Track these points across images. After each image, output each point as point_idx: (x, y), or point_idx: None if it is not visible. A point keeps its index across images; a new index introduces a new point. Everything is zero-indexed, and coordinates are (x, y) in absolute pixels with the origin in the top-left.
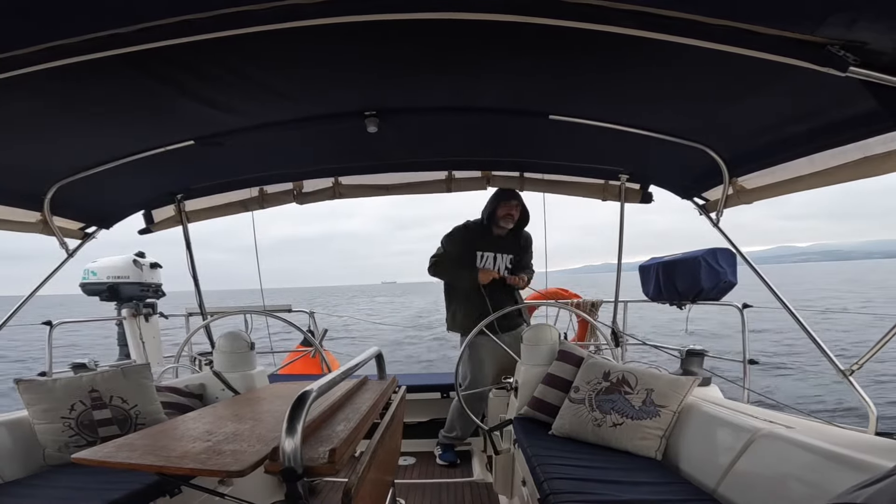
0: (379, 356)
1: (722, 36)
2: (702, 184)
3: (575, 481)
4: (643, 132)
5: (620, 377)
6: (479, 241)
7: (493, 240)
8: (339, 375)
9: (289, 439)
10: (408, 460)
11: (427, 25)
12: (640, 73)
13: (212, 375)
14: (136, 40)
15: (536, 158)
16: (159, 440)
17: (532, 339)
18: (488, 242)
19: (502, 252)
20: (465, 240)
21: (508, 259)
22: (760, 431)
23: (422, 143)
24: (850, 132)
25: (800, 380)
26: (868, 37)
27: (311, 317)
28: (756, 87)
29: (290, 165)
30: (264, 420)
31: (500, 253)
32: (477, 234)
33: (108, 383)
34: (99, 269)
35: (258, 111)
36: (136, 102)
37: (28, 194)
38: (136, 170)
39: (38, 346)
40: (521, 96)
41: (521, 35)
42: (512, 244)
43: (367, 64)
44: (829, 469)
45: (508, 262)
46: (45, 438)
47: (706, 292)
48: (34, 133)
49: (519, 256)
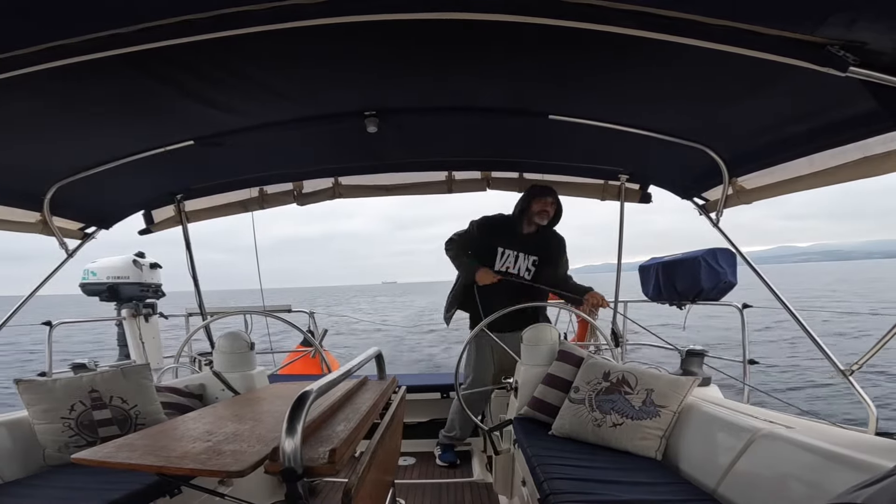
0: (379, 356)
1: (722, 36)
2: (701, 184)
3: (575, 481)
4: (643, 132)
5: (620, 377)
6: (503, 237)
7: (520, 237)
8: (338, 376)
9: (289, 439)
10: (408, 460)
11: (427, 25)
12: (640, 73)
13: (212, 376)
14: (137, 40)
15: (536, 159)
16: (159, 440)
17: (532, 339)
18: (513, 239)
19: (527, 252)
20: (491, 231)
21: (532, 260)
22: (760, 431)
23: (422, 144)
24: (849, 132)
25: (798, 376)
26: (868, 37)
27: (311, 317)
28: (756, 87)
29: (289, 166)
30: (264, 420)
31: (524, 253)
32: (504, 228)
33: (108, 383)
34: (99, 270)
35: (258, 111)
36: (137, 102)
37: (28, 194)
38: (136, 170)
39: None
40: (521, 96)
41: (521, 35)
42: (539, 245)
43: (366, 64)
44: (829, 469)
45: (531, 263)
46: (44, 439)
47: (706, 292)
48: (34, 133)
49: (545, 259)
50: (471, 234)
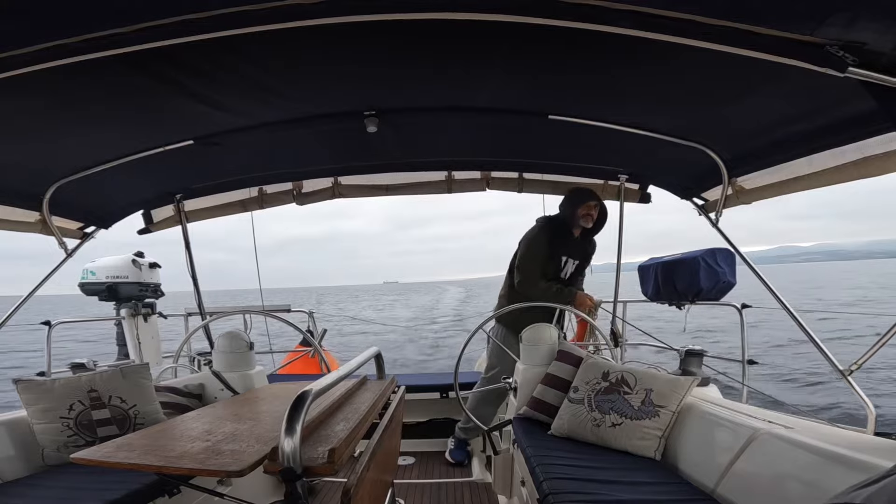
0: (378, 356)
1: (721, 36)
2: (701, 184)
3: (574, 481)
4: (642, 132)
5: (619, 377)
6: (563, 244)
7: (572, 242)
8: (338, 376)
9: (288, 439)
10: (407, 460)
11: (426, 25)
12: (640, 73)
13: (211, 375)
14: (136, 40)
15: (535, 158)
16: (158, 440)
17: (531, 339)
18: (569, 245)
19: (574, 257)
20: (551, 240)
21: (575, 265)
22: (759, 431)
23: (421, 143)
24: (848, 133)
25: (798, 375)
26: (867, 37)
27: (311, 317)
28: (755, 87)
29: (289, 165)
30: (263, 420)
31: (573, 258)
32: (559, 233)
33: (106, 383)
34: (98, 269)
35: (257, 111)
36: (136, 102)
37: (27, 194)
38: (136, 169)
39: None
40: (521, 96)
41: (521, 35)
42: (581, 249)
43: (366, 64)
44: (827, 469)
45: (573, 267)
46: (43, 438)
47: (705, 292)
48: (33, 132)
49: (583, 263)
50: (540, 243)
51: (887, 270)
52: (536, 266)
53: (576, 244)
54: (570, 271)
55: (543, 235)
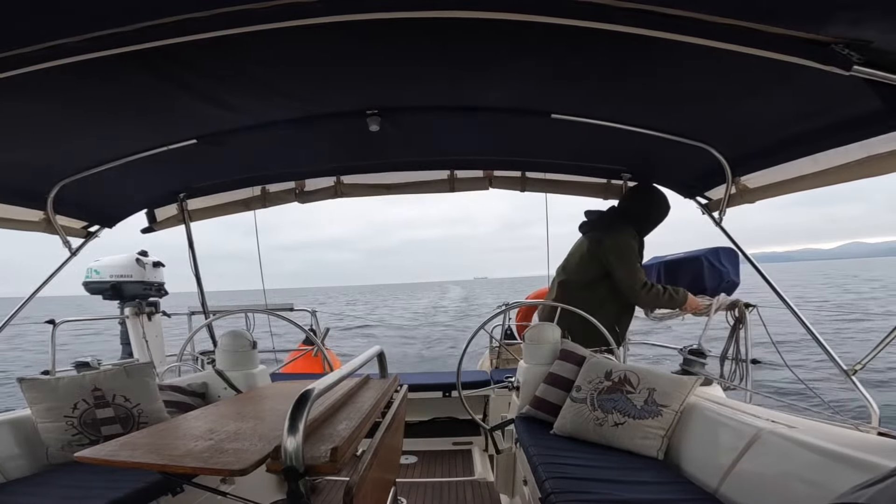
0: (381, 355)
1: (725, 35)
2: (704, 183)
3: (576, 480)
4: (646, 131)
5: (622, 376)
6: (641, 246)
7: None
8: (340, 375)
9: (290, 438)
10: (409, 459)
11: (429, 24)
12: (643, 71)
13: (214, 374)
14: (139, 39)
15: (538, 157)
16: (162, 439)
17: (534, 338)
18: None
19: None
20: (638, 250)
21: None
22: (762, 431)
23: (424, 142)
24: (853, 131)
25: (802, 375)
26: (872, 35)
27: (313, 315)
28: (759, 86)
29: (292, 164)
30: (266, 419)
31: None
32: (638, 241)
33: (110, 382)
34: (102, 268)
35: (260, 110)
36: (139, 101)
37: (31, 193)
38: (139, 169)
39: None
40: (524, 95)
41: (524, 34)
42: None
43: (369, 62)
44: (831, 469)
45: None
46: (48, 437)
47: (709, 292)
48: (37, 132)
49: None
50: (634, 249)
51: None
52: (641, 272)
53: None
54: None
55: (634, 242)
